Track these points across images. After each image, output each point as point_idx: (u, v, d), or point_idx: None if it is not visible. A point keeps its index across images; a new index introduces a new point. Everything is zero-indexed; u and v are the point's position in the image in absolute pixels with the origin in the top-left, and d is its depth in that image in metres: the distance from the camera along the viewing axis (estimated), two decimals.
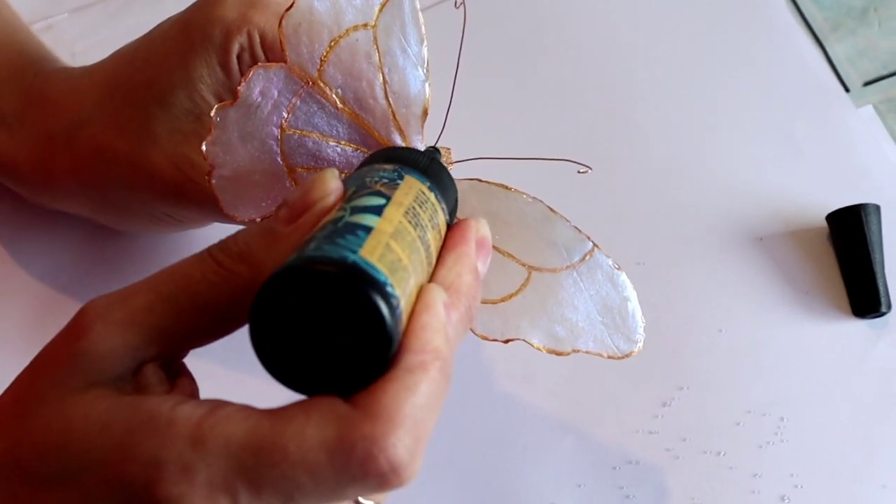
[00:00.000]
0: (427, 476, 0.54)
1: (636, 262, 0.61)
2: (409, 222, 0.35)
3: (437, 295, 0.35)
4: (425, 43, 0.43)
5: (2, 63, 0.55)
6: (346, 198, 0.36)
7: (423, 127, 0.43)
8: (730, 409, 0.57)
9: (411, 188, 0.37)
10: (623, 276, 0.44)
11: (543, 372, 0.58)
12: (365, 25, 0.42)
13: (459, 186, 0.43)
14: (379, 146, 0.44)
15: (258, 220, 0.45)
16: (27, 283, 0.60)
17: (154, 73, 0.49)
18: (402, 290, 0.33)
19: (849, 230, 0.60)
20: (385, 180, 0.37)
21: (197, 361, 0.39)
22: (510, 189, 0.43)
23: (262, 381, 0.34)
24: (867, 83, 0.67)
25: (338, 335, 0.32)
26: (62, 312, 0.58)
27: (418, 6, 0.42)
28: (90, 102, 0.51)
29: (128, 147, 0.49)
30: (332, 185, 0.36)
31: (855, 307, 0.60)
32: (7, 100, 0.54)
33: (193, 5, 0.50)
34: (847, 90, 0.67)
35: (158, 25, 0.52)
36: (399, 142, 0.44)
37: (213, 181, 0.44)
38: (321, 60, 0.43)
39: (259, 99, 0.43)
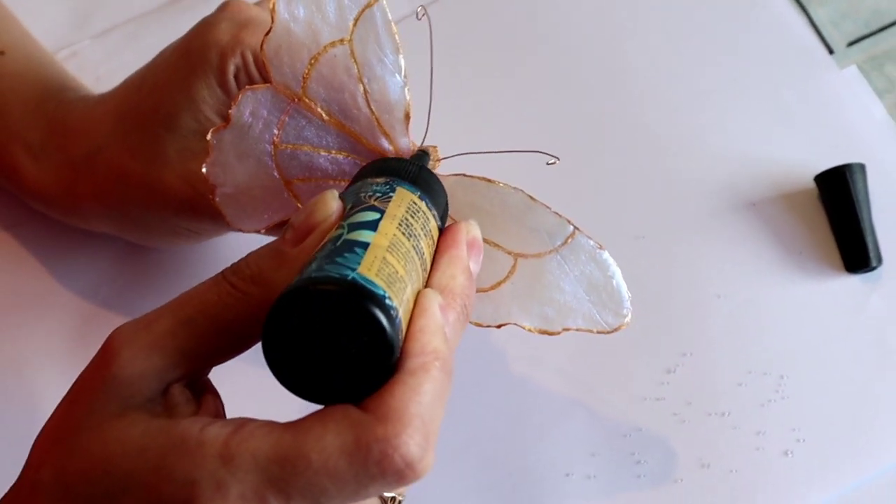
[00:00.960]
0: (449, 459, 0.57)
1: (636, 236, 0.63)
2: (403, 233, 0.38)
3: (432, 299, 0.38)
4: (400, 51, 0.45)
5: (28, 96, 0.58)
6: (345, 215, 0.39)
7: (407, 129, 0.46)
8: (732, 371, 0.60)
9: (403, 200, 0.40)
10: (605, 255, 0.47)
11: (551, 352, 0.60)
12: (341, 41, 0.45)
13: (446, 182, 0.45)
14: (368, 152, 0.46)
15: (263, 231, 0.49)
16: (69, 300, 0.62)
17: (160, 97, 0.52)
18: (400, 299, 0.36)
19: (836, 190, 0.63)
20: (378, 194, 0.39)
21: (220, 375, 0.42)
22: (492, 181, 0.46)
23: (278, 391, 0.37)
24: (851, 43, 0.69)
25: (344, 347, 0.35)
26: (104, 327, 0.59)
27: (390, 17, 0.45)
28: (105, 129, 0.54)
29: (142, 169, 0.52)
30: (332, 206, 0.39)
31: (847, 264, 0.62)
32: (33, 130, 0.57)
33: (191, 31, 0.53)
34: (831, 52, 0.69)
35: (161, 52, 0.55)
36: (386, 145, 0.46)
37: (217, 199, 0.47)
38: (304, 78, 0.45)
39: (250, 119, 0.46)
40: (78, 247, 0.63)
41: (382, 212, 0.38)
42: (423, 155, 0.45)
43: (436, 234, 0.41)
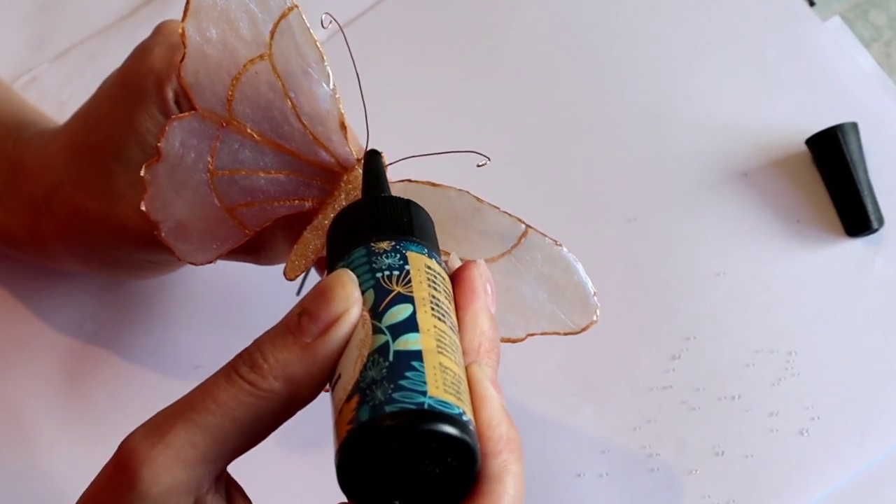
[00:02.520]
0: None
1: (627, 218, 0.62)
2: (439, 318, 0.37)
3: (486, 384, 0.37)
4: (325, 59, 0.44)
5: None
6: (372, 307, 0.36)
7: (346, 139, 0.44)
8: (739, 352, 0.58)
9: (420, 271, 0.38)
10: (563, 251, 0.45)
11: (549, 348, 0.58)
12: (261, 57, 0.43)
13: (394, 189, 0.44)
14: (309, 167, 0.45)
15: (214, 261, 0.47)
16: (54, 339, 0.61)
17: (106, 131, 0.51)
18: (468, 402, 0.36)
19: (829, 153, 0.60)
20: (396, 272, 0.37)
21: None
22: (438, 185, 0.44)
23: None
24: None
25: (427, 468, 0.35)
26: (92, 362, 0.60)
27: (308, 25, 0.43)
28: (59, 167, 0.53)
29: (98, 205, 0.51)
30: (354, 293, 0.37)
31: (847, 228, 0.60)
32: None
33: (127, 60, 0.52)
34: (812, 3, 0.66)
35: (103, 83, 0.53)
36: (326, 158, 0.44)
37: (163, 235, 0.46)
38: (228, 100, 0.44)
39: (181, 150, 0.44)
40: (56, 283, 0.62)
41: (412, 300, 0.37)
42: (379, 177, 0.43)
43: (450, 284, 0.40)
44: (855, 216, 0.60)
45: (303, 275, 0.46)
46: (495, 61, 0.66)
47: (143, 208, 0.45)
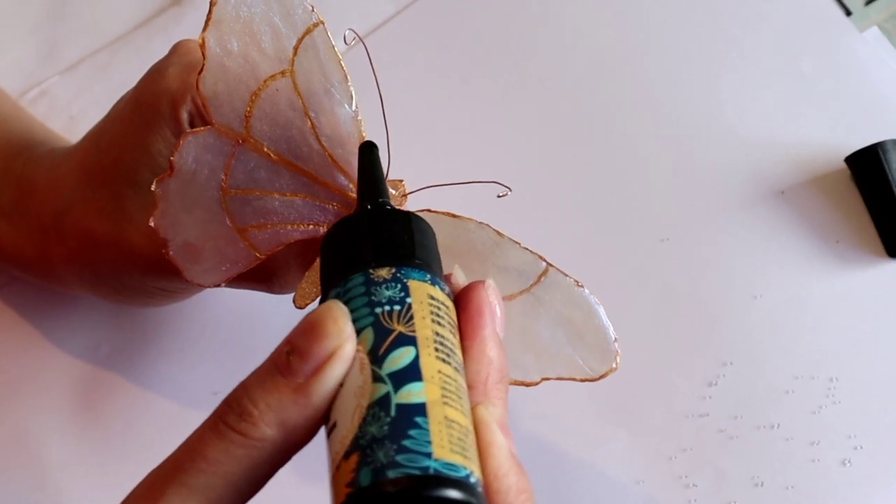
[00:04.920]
0: None
1: (660, 238, 0.60)
2: (443, 360, 0.34)
3: (493, 428, 0.34)
4: (349, 79, 0.42)
5: None
6: (371, 348, 0.34)
7: None
8: (777, 378, 0.57)
9: (422, 304, 0.35)
10: (585, 293, 0.43)
11: None
12: (283, 73, 0.42)
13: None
14: (326, 191, 0.43)
15: (222, 284, 0.44)
16: (68, 364, 0.59)
17: (118, 154, 0.50)
18: (473, 454, 0.33)
19: (870, 171, 0.59)
20: (397, 306, 0.34)
21: None
22: (458, 217, 0.42)
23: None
24: (869, 1, 0.65)
25: None
26: (108, 387, 0.59)
27: (333, 43, 0.41)
28: (69, 189, 0.52)
29: (107, 229, 0.50)
30: (346, 329, 0.34)
31: (888, 248, 0.59)
32: (4, 191, 0.54)
33: (142, 80, 0.50)
34: (849, 13, 0.64)
35: (117, 103, 0.52)
36: (345, 182, 0.42)
37: (171, 253, 0.43)
38: (246, 117, 0.42)
39: (194, 166, 0.42)
40: (70, 307, 0.61)
41: (415, 341, 0.34)
42: (382, 200, 0.39)
43: (454, 311, 0.37)
44: None
45: (317, 303, 0.44)
46: (521, 75, 0.64)
47: (151, 224, 0.43)
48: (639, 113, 0.63)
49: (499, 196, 0.43)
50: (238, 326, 0.59)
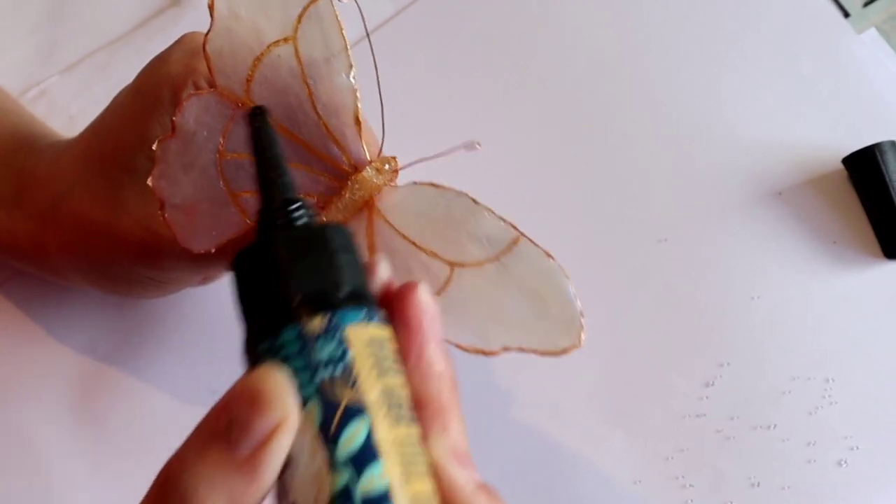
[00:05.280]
0: None
1: (658, 239, 0.60)
2: (395, 419, 0.31)
3: (456, 475, 0.33)
4: (349, 49, 0.42)
5: None
6: (321, 426, 0.31)
7: (360, 135, 0.42)
8: (775, 379, 0.57)
9: (364, 357, 0.32)
10: (554, 265, 0.41)
11: (579, 374, 0.57)
12: (286, 40, 0.42)
13: (396, 193, 0.42)
14: (319, 161, 0.43)
15: (213, 250, 0.44)
16: (67, 361, 0.59)
17: (117, 140, 0.50)
18: None
19: (867, 172, 0.59)
20: (339, 369, 0.31)
21: None
22: (439, 186, 0.42)
23: None
24: (867, 3, 0.65)
25: None
26: (105, 386, 0.59)
27: (336, 13, 0.42)
28: (69, 177, 0.52)
29: (101, 215, 0.50)
30: (290, 401, 0.30)
31: (886, 250, 0.59)
32: (4, 183, 0.54)
33: (145, 68, 0.50)
34: (847, 15, 0.65)
35: (119, 92, 0.52)
36: (337, 154, 0.43)
37: (166, 215, 0.44)
38: (247, 80, 0.42)
39: (195, 127, 0.43)
40: (69, 304, 0.61)
41: (364, 410, 0.31)
42: (289, 199, 0.35)
43: (392, 337, 0.34)
44: (893, 238, 0.58)
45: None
46: (520, 76, 0.64)
47: (149, 184, 0.43)
48: (638, 114, 0.63)
49: (473, 147, 0.42)
50: (237, 325, 0.59)
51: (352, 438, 0.30)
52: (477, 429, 0.56)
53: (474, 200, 0.42)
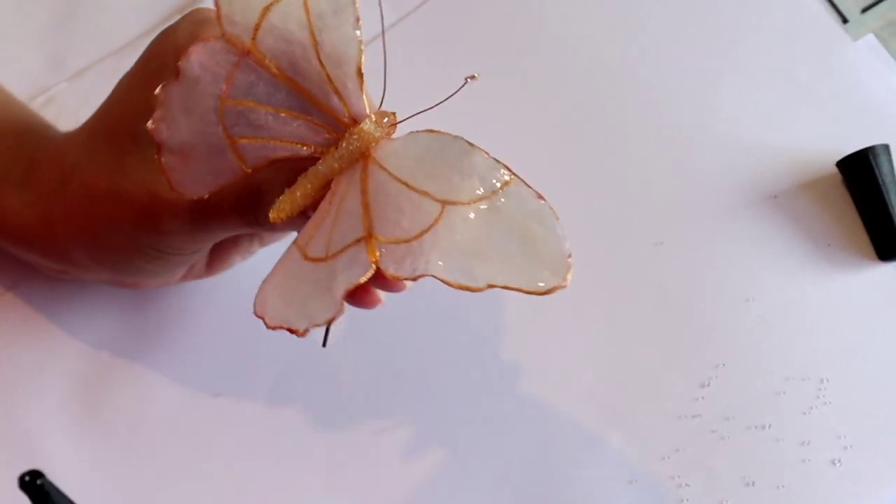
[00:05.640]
0: (482, 499, 0.55)
1: (654, 242, 0.61)
2: None
3: None
4: (357, 2, 0.42)
5: (8, 134, 0.57)
6: None
7: (362, 88, 0.43)
8: (769, 380, 0.57)
9: None
10: (545, 205, 0.41)
11: (575, 375, 0.58)
12: None
13: (396, 144, 0.43)
14: (319, 112, 0.44)
15: (206, 195, 0.45)
16: (74, 362, 0.60)
17: (122, 108, 0.51)
18: None
19: (860, 175, 0.59)
20: None
21: None
22: (434, 131, 0.43)
23: None
24: (865, 9, 0.66)
25: None
26: (110, 389, 0.59)
27: None
28: (77, 150, 0.53)
29: (106, 182, 0.51)
30: None
31: (879, 252, 0.59)
32: (15, 166, 0.55)
33: (154, 39, 0.51)
34: (845, 21, 0.65)
35: (128, 71, 0.53)
36: (338, 106, 0.43)
37: (163, 159, 0.45)
38: (255, 28, 0.43)
39: (199, 72, 0.44)
40: (76, 307, 0.61)
41: None
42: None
43: None
44: (887, 240, 0.59)
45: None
46: (521, 80, 0.65)
47: (149, 126, 0.44)
48: (635, 118, 0.64)
49: (468, 81, 0.43)
50: (242, 327, 0.60)
51: None
52: (476, 429, 0.57)
53: (470, 143, 0.42)
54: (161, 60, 0.49)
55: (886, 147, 0.59)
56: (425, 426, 0.57)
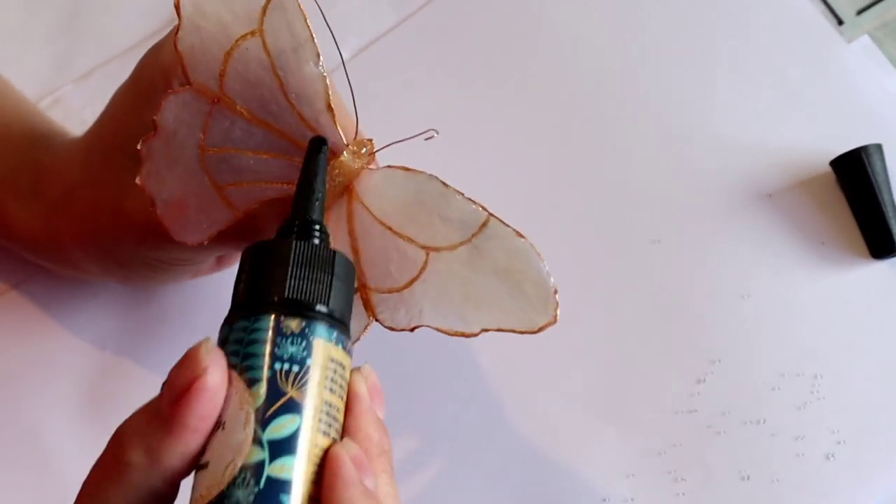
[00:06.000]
0: (481, 495, 0.56)
1: (651, 240, 0.61)
2: (324, 432, 0.35)
3: (342, 459, 0.35)
4: (314, 38, 0.42)
5: (16, 143, 0.57)
6: (260, 405, 0.34)
7: (335, 122, 0.43)
8: (764, 376, 0.58)
9: (320, 368, 0.35)
10: (526, 244, 0.41)
11: (574, 370, 0.59)
12: (252, 33, 0.42)
13: (375, 178, 0.43)
14: (298, 150, 0.43)
15: (206, 242, 0.46)
16: (79, 359, 0.61)
17: (117, 127, 0.52)
18: None
19: (854, 174, 0.60)
20: (296, 367, 0.35)
21: None
22: (410, 170, 0.42)
23: None
24: (860, 11, 0.66)
25: None
26: (114, 385, 0.60)
27: (299, 3, 0.42)
28: (77, 167, 0.54)
29: (107, 199, 0.51)
30: (204, 360, 0.34)
31: (872, 250, 0.60)
32: (22, 175, 0.56)
33: (142, 57, 0.52)
34: (840, 22, 0.66)
35: (122, 83, 0.54)
36: None
37: (158, 211, 0.45)
38: (220, 75, 0.43)
39: (175, 125, 0.44)
40: (81, 304, 0.62)
41: (302, 410, 0.34)
42: (313, 220, 0.39)
43: (349, 367, 0.37)
44: (880, 238, 0.60)
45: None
46: (520, 82, 0.66)
47: (138, 182, 0.44)
48: (632, 119, 0.65)
49: (426, 139, 0.42)
50: None
51: (281, 426, 0.34)
52: (473, 425, 0.58)
53: (444, 183, 0.42)
54: (150, 80, 0.50)
55: (879, 147, 0.60)
56: (423, 422, 0.58)
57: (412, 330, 0.43)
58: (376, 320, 0.43)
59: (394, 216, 0.42)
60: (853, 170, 0.60)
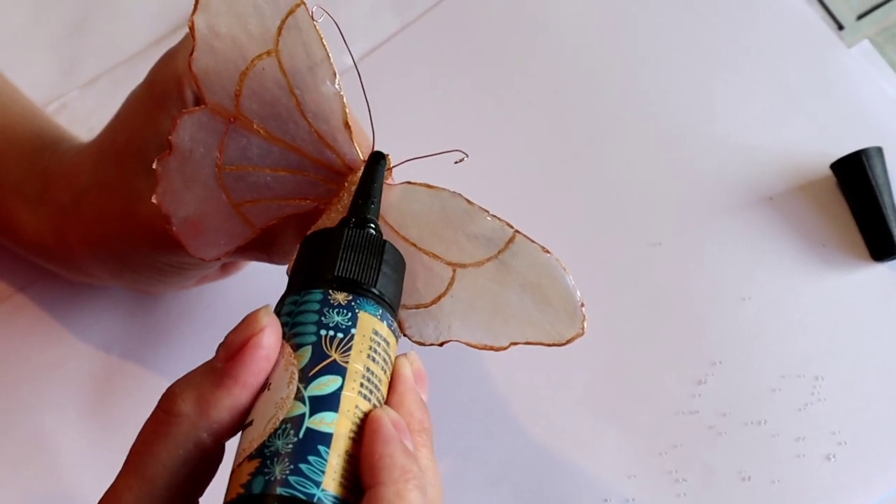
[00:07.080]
0: (481, 494, 0.56)
1: (652, 243, 0.62)
2: (364, 396, 0.36)
3: (383, 419, 0.36)
4: (331, 57, 0.43)
5: (23, 148, 0.58)
6: (304, 367, 0.36)
7: (351, 139, 0.43)
8: (765, 377, 0.58)
9: (364, 338, 0.37)
10: (551, 258, 0.43)
11: (575, 373, 0.59)
12: (268, 53, 0.43)
13: (392, 193, 0.43)
14: (315, 167, 0.44)
15: (222, 258, 0.47)
16: (86, 362, 0.61)
17: (130, 133, 0.52)
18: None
19: (854, 177, 0.61)
20: (340, 334, 0.37)
21: None
22: (433, 187, 0.43)
23: None
24: (860, 16, 0.67)
25: None
26: (121, 387, 0.60)
27: (314, 23, 0.42)
28: (87, 172, 0.54)
29: (119, 206, 0.52)
30: (263, 321, 0.37)
31: (873, 252, 0.61)
32: (30, 182, 0.56)
33: (156, 64, 0.52)
34: (841, 27, 0.67)
35: (134, 88, 0.54)
36: (332, 158, 0.44)
37: (174, 228, 0.46)
38: (236, 95, 0.43)
39: (191, 144, 0.44)
40: (88, 308, 0.62)
41: (344, 372, 0.36)
42: (368, 217, 0.41)
43: (394, 347, 0.39)
44: (880, 241, 0.60)
45: None
46: (521, 87, 0.67)
47: (154, 201, 0.45)
48: (631, 122, 0.65)
49: (455, 162, 0.43)
50: None
51: (323, 385, 0.35)
52: (476, 428, 0.58)
53: (468, 201, 0.43)
54: (163, 87, 0.50)
55: (879, 150, 0.61)
56: None
57: (441, 345, 0.44)
58: (404, 335, 0.44)
59: (417, 232, 0.43)
60: (853, 173, 0.60)
